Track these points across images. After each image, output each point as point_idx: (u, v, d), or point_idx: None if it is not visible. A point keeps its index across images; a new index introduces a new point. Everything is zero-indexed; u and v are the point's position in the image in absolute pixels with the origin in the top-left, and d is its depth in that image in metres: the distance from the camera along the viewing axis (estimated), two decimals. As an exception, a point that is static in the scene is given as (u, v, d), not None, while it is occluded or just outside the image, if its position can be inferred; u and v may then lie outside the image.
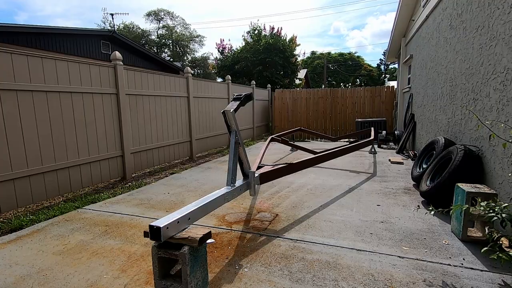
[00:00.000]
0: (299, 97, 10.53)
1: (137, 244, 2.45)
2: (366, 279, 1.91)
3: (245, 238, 2.53)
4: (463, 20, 3.67)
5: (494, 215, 1.81)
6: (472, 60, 3.32)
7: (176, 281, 1.59)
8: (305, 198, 3.56)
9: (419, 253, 2.23)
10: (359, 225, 2.76)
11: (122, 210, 3.26)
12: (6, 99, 3.15)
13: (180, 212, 1.73)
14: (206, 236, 1.61)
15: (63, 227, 2.85)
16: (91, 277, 1.99)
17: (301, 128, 7.96)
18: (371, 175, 4.58)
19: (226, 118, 2.45)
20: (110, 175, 4.50)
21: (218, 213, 3.06)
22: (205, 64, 29.61)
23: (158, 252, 1.57)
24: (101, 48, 13.38)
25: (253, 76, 13.02)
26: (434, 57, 5.01)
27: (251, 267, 2.07)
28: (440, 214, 2.84)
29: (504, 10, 2.61)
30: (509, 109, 2.47)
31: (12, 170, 3.20)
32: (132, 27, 29.73)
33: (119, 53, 4.53)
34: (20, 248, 2.43)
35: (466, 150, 3.00)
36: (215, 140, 7.65)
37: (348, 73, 38.59)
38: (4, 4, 51.50)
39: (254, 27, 13.73)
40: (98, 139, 4.24)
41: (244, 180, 2.50)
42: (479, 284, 1.83)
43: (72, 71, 3.85)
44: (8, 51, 3.16)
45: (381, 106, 9.74)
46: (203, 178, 4.66)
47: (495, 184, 2.64)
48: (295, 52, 13.93)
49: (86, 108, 4.04)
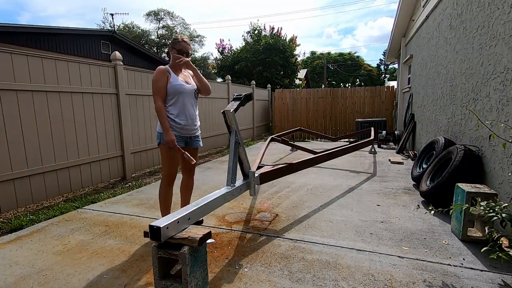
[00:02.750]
0: (299, 97, 10.53)
1: (137, 244, 2.45)
2: (366, 279, 1.91)
3: (245, 238, 2.53)
4: (463, 20, 3.67)
5: (494, 215, 1.81)
6: (472, 60, 3.32)
7: (176, 281, 1.59)
8: (305, 198, 3.56)
9: (419, 253, 2.23)
10: (359, 225, 2.76)
11: (122, 210, 3.26)
12: (6, 99, 3.15)
13: (180, 212, 1.73)
14: (206, 236, 1.61)
15: (63, 227, 2.85)
16: (91, 277, 1.99)
17: (301, 128, 7.95)
18: (371, 175, 4.58)
19: (226, 118, 2.45)
20: (110, 175, 4.50)
21: (218, 213, 3.06)
22: (205, 64, 29.61)
23: (158, 252, 1.57)
24: (101, 48, 13.39)
25: (253, 76, 13.01)
26: (434, 57, 5.01)
27: (251, 267, 2.07)
28: (440, 214, 2.84)
29: (504, 10, 2.61)
30: (509, 109, 2.47)
31: (12, 170, 3.20)
32: (132, 27, 29.73)
33: (119, 53, 4.53)
34: (20, 248, 2.43)
35: (466, 150, 3.00)
36: (215, 140, 7.66)
37: (348, 73, 38.60)
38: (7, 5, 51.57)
39: (254, 27, 13.72)
40: (98, 139, 4.24)
41: (244, 180, 2.50)
42: (479, 284, 1.83)
43: (72, 71, 3.85)
44: (8, 51, 3.16)
45: (381, 106, 9.74)
46: (203, 178, 4.65)
47: (495, 184, 2.64)
48: (295, 52, 13.92)
49: (86, 108, 4.04)
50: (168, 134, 2.38)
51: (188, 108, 2.52)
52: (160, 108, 2.40)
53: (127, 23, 29.51)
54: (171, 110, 2.47)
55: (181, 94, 2.46)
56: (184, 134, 2.54)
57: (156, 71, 2.44)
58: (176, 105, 2.47)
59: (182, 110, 2.49)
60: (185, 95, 2.49)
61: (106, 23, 27.99)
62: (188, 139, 2.60)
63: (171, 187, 2.63)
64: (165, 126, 2.39)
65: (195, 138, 2.65)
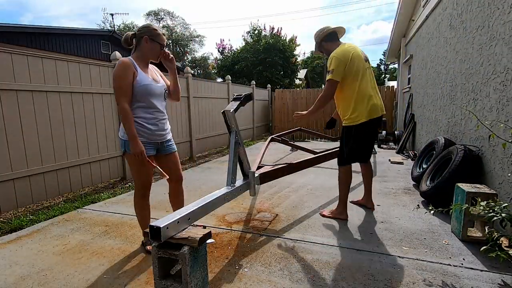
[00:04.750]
0: (299, 97, 10.53)
1: (137, 244, 2.45)
2: (366, 279, 1.91)
3: (245, 238, 2.53)
4: (463, 20, 3.67)
5: (494, 215, 1.81)
6: (472, 60, 3.32)
7: (176, 281, 1.59)
8: (305, 198, 3.56)
9: (419, 253, 2.23)
10: (359, 225, 2.76)
11: (122, 210, 3.26)
12: (6, 99, 3.15)
13: (180, 212, 1.73)
14: (206, 236, 1.61)
15: (63, 227, 2.85)
16: (91, 277, 1.99)
17: (301, 128, 7.94)
18: (371, 175, 4.57)
19: (226, 118, 2.45)
20: (110, 175, 4.50)
21: (218, 213, 3.06)
22: (205, 64, 29.61)
23: (158, 252, 1.57)
24: (101, 48, 13.39)
25: (253, 76, 13.02)
26: (434, 57, 5.01)
27: (251, 267, 2.07)
28: (440, 214, 2.84)
29: (504, 10, 2.61)
30: (509, 109, 2.47)
31: (12, 170, 3.20)
32: (132, 27, 29.72)
33: (119, 53, 4.53)
34: (20, 248, 2.43)
35: (466, 150, 3.00)
36: (215, 140, 7.65)
37: (348, 73, 38.52)
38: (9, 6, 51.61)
39: (254, 27, 13.73)
40: (98, 139, 4.24)
41: (244, 180, 2.50)
42: (479, 284, 1.83)
43: (72, 71, 3.85)
44: (8, 51, 3.16)
45: (381, 106, 9.73)
46: (203, 178, 4.65)
47: (495, 184, 2.64)
48: (295, 52, 13.93)
49: (86, 108, 4.04)
50: (135, 144, 1.99)
51: (161, 110, 2.22)
52: (125, 110, 1.99)
53: (127, 23, 29.54)
54: (138, 113, 2.10)
55: (151, 95, 2.12)
56: (154, 140, 2.20)
57: (119, 65, 2.01)
58: (144, 108, 2.12)
59: (152, 113, 2.15)
60: (155, 96, 2.16)
61: (106, 23, 28.02)
62: (160, 145, 2.27)
63: (147, 198, 2.33)
64: (132, 133, 1.99)
65: (167, 142, 2.33)
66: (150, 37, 2.11)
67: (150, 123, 2.15)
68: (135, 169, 2.18)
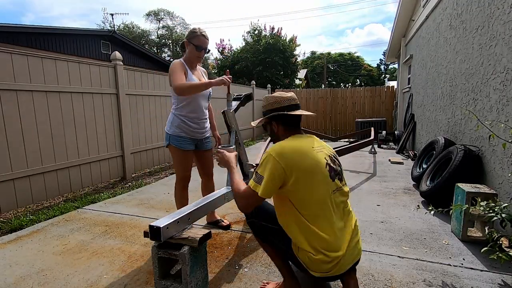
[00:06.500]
0: (299, 97, 10.53)
1: (137, 244, 2.45)
2: (366, 279, 1.91)
3: (245, 238, 2.53)
4: (463, 20, 3.67)
5: (494, 215, 1.81)
6: (472, 60, 3.32)
7: (176, 281, 1.59)
8: (305, 198, 3.56)
9: (419, 253, 2.23)
10: (359, 225, 2.75)
11: (122, 210, 3.26)
12: (6, 99, 3.15)
13: (180, 212, 1.73)
14: (206, 236, 1.61)
15: (63, 227, 2.85)
16: (91, 277, 1.99)
17: (301, 128, 7.95)
18: (371, 175, 4.58)
19: (226, 118, 2.44)
20: (110, 175, 4.50)
21: (218, 213, 3.06)
22: (205, 64, 29.60)
23: (158, 252, 1.57)
24: (101, 48, 13.39)
25: (253, 76, 13.02)
26: (434, 57, 5.01)
27: (251, 267, 2.07)
28: (440, 214, 2.84)
29: (504, 10, 2.61)
30: (509, 109, 2.47)
31: (12, 170, 3.20)
32: (132, 27, 29.76)
33: (119, 53, 4.53)
34: (20, 248, 2.43)
35: (466, 150, 3.00)
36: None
37: (348, 73, 38.59)
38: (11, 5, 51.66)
39: (254, 27, 13.72)
40: (98, 139, 4.24)
41: (244, 180, 2.50)
42: (479, 284, 1.83)
43: (72, 71, 3.85)
44: (8, 51, 3.16)
45: (381, 106, 9.74)
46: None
47: (495, 184, 2.64)
48: (295, 52, 13.93)
49: (86, 108, 4.04)
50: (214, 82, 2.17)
51: (203, 110, 2.38)
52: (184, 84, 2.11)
53: (127, 23, 29.58)
54: (183, 111, 2.29)
55: (197, 94, 2.28)
56: (194, 137, 2.41)
57: (173, 63, 2.23)
58: (190, 106, 2.30)
59: (196, 112, 2.33)
60: (200, 96, 2.31)
61: (106, 23, 28.04)
62: (199, 142, 2.48)
63: (186, 189, 2.53)
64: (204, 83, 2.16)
65: (206, 140, 2.54)
66: (189, 40, 2.30)
67: (193, 122, 2.35)
68: (177, 160, 2.38)
